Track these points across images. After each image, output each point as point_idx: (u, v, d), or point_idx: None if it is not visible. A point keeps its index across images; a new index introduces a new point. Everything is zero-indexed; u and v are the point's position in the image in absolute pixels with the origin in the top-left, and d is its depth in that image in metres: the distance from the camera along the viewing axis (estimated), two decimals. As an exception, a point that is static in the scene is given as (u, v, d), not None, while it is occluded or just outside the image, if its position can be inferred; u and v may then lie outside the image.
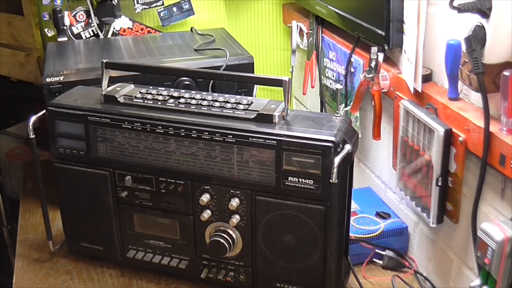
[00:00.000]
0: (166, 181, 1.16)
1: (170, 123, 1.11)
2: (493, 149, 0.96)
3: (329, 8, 1.48)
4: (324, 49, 1.61)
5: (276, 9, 1.91)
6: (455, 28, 1.07)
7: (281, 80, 1.07)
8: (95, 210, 1.23)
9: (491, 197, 1.03)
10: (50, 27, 1.71)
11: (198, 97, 1.17)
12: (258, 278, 1.17)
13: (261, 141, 1.05)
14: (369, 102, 1.35)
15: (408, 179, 1.23)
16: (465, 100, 1.09)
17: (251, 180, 1.09)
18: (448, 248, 1.18)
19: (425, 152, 1.14)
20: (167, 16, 1.78)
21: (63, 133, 1.20)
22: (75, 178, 1.22)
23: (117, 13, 1.71)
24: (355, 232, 1.27)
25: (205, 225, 1.16)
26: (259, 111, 1.08)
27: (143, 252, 1.24)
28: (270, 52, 1.95)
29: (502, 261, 0.90)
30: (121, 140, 1.16)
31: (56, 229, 1.36)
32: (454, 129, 1.06)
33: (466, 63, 0.99)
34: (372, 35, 1.27)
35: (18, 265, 1.31)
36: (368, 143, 1.48)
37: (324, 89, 1.64)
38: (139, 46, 1.56)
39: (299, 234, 1.08)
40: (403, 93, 1.22)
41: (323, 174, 1.03)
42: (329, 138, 1.02)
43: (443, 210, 1.14)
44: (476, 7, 0.90)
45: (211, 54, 1.46)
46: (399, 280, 1.23)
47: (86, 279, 1.26)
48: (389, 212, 1.35)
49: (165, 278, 1.25)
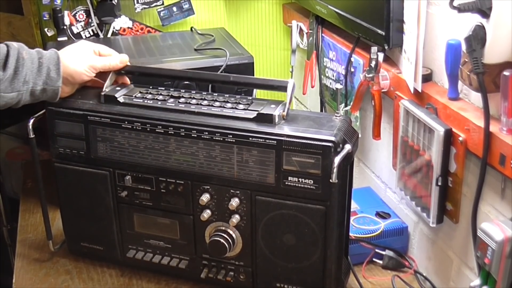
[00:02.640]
0: (166, 181, 1.16)
1: (170, 123, 1.11)
2: (493, 149, 0.96)
3: (329, 8, 1.48)
4: (324, 49, 1.61)
5: (276, 9, 1.91)
6: (455, 28, 1.07)
7: (285, 86, 1.08)
8: (95, 210, 1.23)
9: (491, 197, 1.03)
10: (50, 27, 1.71)
11: (198, 97, 1.17)
12: (258, 278, 1.17)
13: (261, 141, 1.05)
14: (369, 102, 1.35)
15: (408, 179, 1.23)
16: (465, 100, 1.08)
17: (251, 180, 1.09)
18: (448, 248, 1.18)
19: (425, 152, 1.14)
20: (167, 15, 1.78)
21: (63, 133, 1.20)
22: (75, 178, 1.22)
23: (117, 12, 1.71)
24: (355, 232, 1.27)
25: (205, 225, 1.16)
26: (259, 111, 1.08)
27: (143, 252, 1.24)
28: (270, 52, 1.95)
29: (502, 261, 0.90)
30: (121, 140, 1.16)
31: (56, 229, 1.36)
32: (454, 129, 1.06)
33: (466, 63, 0.99)
34: (372, 35, 1.27)
35: (18, 265, 1.31)
36: (368, 143, 1.48)
37: (324, 89, 1.64)
38: (139, 45, 1.56)
39: (299, 234, 1.08)
40: (403, 93, 1.22)
41: (323, 174, 1.02)
42: (329, 138, 1.02)
43: (443, 210, 1.14)
44: (476, 7, 0.90)
45: (211, 54, 1.46)
46: (399, 280, 1.23)
47: (86, 279, 1.26)
48: (389, 212, 1.35)
49: (165, 278, 1.25)
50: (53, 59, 1.13)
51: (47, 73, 1.12)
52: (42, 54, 1.13)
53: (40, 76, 1.11)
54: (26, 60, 1.10)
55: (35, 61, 1.11)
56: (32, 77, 1.10)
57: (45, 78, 1.12)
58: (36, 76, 1.11)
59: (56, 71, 1.12)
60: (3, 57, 1.08)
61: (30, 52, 1.12)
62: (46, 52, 1.14)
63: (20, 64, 1.09)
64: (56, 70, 1.12)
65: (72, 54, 1.17)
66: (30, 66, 1.10)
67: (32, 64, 1.11)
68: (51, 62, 1.12)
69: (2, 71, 1.08)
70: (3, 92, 1.08)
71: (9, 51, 1.09)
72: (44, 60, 1.12)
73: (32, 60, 1.11)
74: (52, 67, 1.12)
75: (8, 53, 1.09)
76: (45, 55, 1.13)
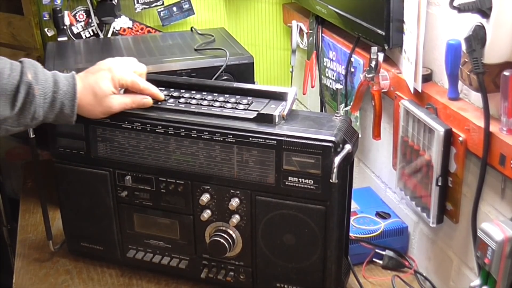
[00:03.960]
0: (166, 181, 1.16)
1: (170, 123, 1.11)
2: (493, 149, 0.96)
3: (329, 8, 1.48)
4: (324, 49, 1.61)
5: (276, 9, 1.91)
6: (455, 28, 1.07)
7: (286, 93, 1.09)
8: (95, 210, 1.23)
9: (491, 197, 1.03)
10: (50, 27, 1.71)
11: (198, 97, 1.17)
12: (258, 278, 1.17)
13: (261, 141, 1.05)
14: (369, 102, 1.35)
15: (408, 179, 1.23)
16: (465, 100, 1.09)
17: (251, 180, 1.09)
18: (448, 248, 1.18)
19: (425, 152, 1.14)
20: (167, 15, 1.78)
21: (63, 133, 1.20)
22: (75, 178, 1.22)
23: (117, 12, 1.71)
24: (355, 232, 1.27)
25: (205, 225, 1.16)
26: (259, 111, 1.08)
27: (143, 252, 1.24)
28: (270, 52, 1.95)
29: (502, 261, 0.90)
30: (121, 140, 1.16)
31: (56, 229, 1.36)
32: (454, 129, 1.06)
33: (466, 63, 0.99)
34: (372, 35, 1.27)
35: (18, 265, 1.31)
36: (368, 143, 1.48)
37: (324, 89, 1.64)
38: (139, 45, 1.56)
39: (299, 234, 1.08)
40: (403, 93, 1.22)
41: (323, 174, 1.02)
42: (329, 138, 1.02)
43: (443, 210, 1.14)
44: (476, 7, 0.90)
45: (211, 54, 1.46)
46: (399, 280, 1.23)
47: (86, 279, 1.26)
48: (389, 212, 1.35)
49: (165, 278, 1.25)
50: (69, 94, 1.06)
51: (60, 109, 1.06)
52: (58, 86, 1.05)
53: (52, 111, 1.05)
54: (36, 97, 1.02)
55: (48, 95, 1.04)
56: (43, 112, 1.04)
57: (58, 113, 1.06)
58: (48, 111, 1.05)
59: (71, 107, 1.06)
60: (11, 92, 1.01)
61: (44, 86, 1.04)
62: (63, 84, 1.06)
63: (28, 101, 1.02)
64: (71, 107, 1.06)
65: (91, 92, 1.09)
66: (41, 103, 1.03)
67: (45, 100, 1.04)
68: (67, 96, 1.06)
69: (10, 108, 1.01)
70: (10, 126, 1.02)
71: (20, 85, 1.01)
72: (59, 95, 1.05)
73: (45, 95, 1.03)
74: (67, 102, 1.06)
75: (18, 89, 1.01)
76: (61, 88, 1.05)
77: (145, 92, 1.14)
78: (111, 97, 1.10)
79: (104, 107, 1.10)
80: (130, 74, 1.13)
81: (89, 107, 1.10)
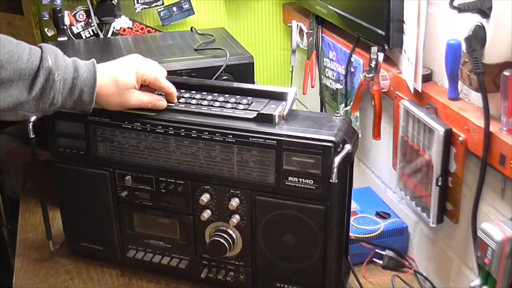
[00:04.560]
0: (166, 181, 1.16)
1: (170, 123, 1.11)
2: (493, 149, 0.96)
3: (329, 8, 1.48)
4: (324, 49, 1.61)
5: (276, 9, 1.91)
6: (455, 28, 1.07)
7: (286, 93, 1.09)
8: (95, 210, 1.23)
9: (491, 197, 1.03)
10: (50, 27, 1.71)
11: (198, 97, 1.17)
12: (258, 278, 1.17)
13: (261, 141, 1.05)
14: (369, 102, 1.35)
15: (408, 179, 1.23)
16: (465, 100, 1.09)
17: (251, 180, 1.09)
18: (448, 248, 1.18)
19: (425, 152, 1.14)
20: (167, 15, 1.78)
21: (63, 133, 1.20)
22: (75, 178, 1.22)
23: (117, 12, 1.71)
24: (355, 232, 1.27)
25: (205, 225, 1.16)
26: (259, 111, 1.08)
27: (143, 252, 1.24)
28: (270, 52, 1.95)
29: (502, 261, 0.90)
30: (121, 140, 1.16)
31: (56, 229, 1.36)
32: (454, 129, 1.06)
33: (466, 63, 0.99)
34: (372, 35, 1.27)
35: (18, 265, 1.31)
36: (368, 143, 1.48)
37: (324, 89, 1.64)
38: (139, 45, 1.56)
39: (299, 234, 1.08)
40: (403, 93, 1.22)
41: (323, 174, 1.03)
42: (329, 138, 1.02)
43: (443, 210, 1.14)
44: (476, 7, 0.90)
45: (211, 54, 1.46)
46: (399, 280, 1.23)
47: (86, 279, 1.26)
48: (389, 212, 1.35)
49: (165, 278, 1.25)
50: (89, 81, 1.05)
51: (79, 95, 1.05)
52: (78, 73, 1.04)
53: (71, 98, 1.04)
54: (56, 83, 1.01)
55: (68, 81, 1.03)
56: (62, 98, 1.03)
57: (76, 99, 1.05)
58: (66, 97, 1.04)
59: (90, 95, 1.05)
60: (29, 77, 0.99)
61: (64, 72, 1.02)
62: (83, 71, 1.05)
63: (48, 87, 1.00)
64: (90, 94, 1.05)
65: (113, 82, 1.08)
66: (60, 88, 1.02)
67: (64, 86, 1.02)
68: (86, 83, 1.05)
69: (27, 93, 0.99)
70: (27, 112, 1.01)
71: (39, 70, 0.99)
72: (78, 81, 1.04)
73: (65, 80, 1.02)
74: (87, 89, 1.05)
75: (38, 74, 0.99)
76: (81, 75, 1.04)
77: (164, 90, 1.14)
78: (132, 91, 1.10)
79: (122, 99, 1.10)
80: (153, 70, 1.13)
81: (108, 97, 1.09)
